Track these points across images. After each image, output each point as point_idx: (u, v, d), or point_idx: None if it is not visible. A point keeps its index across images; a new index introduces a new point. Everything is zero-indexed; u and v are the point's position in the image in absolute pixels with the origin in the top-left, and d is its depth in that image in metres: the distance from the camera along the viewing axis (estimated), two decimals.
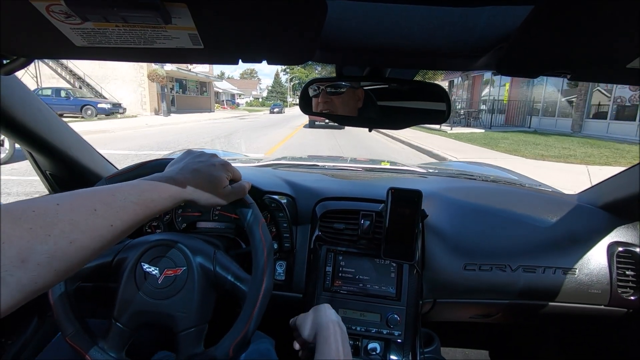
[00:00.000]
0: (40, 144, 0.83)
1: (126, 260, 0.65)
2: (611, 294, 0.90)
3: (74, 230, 0.37)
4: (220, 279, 0.65)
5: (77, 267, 0.38)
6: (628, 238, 0.93)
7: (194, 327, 0.62)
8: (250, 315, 0.57)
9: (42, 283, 0.34)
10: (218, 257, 0.66)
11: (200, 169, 0.55)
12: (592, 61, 0.42)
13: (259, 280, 0.59)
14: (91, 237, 0.38)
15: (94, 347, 0.61)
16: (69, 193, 0.40)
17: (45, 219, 0.35)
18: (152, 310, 0.62)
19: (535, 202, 1.04)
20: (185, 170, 0.54)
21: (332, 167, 1.47)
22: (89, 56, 0.45)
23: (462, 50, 0.50)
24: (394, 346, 0.83)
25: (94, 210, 0.39)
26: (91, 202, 0.40)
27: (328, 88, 0.70)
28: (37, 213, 0.35)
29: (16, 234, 0.32)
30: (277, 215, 0.94)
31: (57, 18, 0.34)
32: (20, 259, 0.32)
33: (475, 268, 0.90)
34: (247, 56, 0.45)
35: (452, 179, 1.36)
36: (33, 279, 0.33)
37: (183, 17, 0.34)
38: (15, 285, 0.32)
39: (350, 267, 0.90)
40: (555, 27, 0.34)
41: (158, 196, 0.47)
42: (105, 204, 0.41)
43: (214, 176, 0.56)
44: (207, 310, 0.64)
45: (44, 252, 0.34)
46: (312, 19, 0.35)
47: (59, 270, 0.35)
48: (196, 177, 0.53)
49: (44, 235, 0.34)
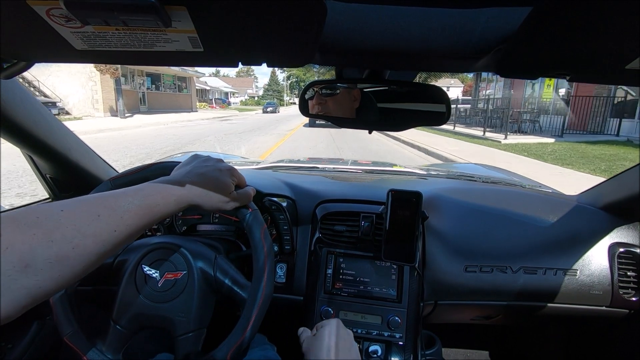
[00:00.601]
0: (41, 147, 0.83)
1: (127, 262, 0.65)
2: (612, 295, 0.90)
3: (77, 235, 0.37)
4: (220, 284, 0.64)
5: (81, 272, 0.38)
6: (629, 239, 0.93)
7: (193, 332, 0.61)
8: (249, 322, 0.57)
9: (46, 288, 0.34)
10: (219, 262, 0.66)
11: (207, 174, 0.55)
12: (591, 62, 0.42)
13: (259, 287, 0.59)
14: (94, 242, 0.38)
15: (92, 348, 0.61)
16: (73, 200, 0.40)
17: (48, 224, 0.35)
18: (151, 313, 0.62)
19: (536, 203, 1.04)
20: (192, 175, 0.53)
21: (332, 169, 1.47)
22: (89, 59, 0.45)
23: (462, 52, 0.50)
24: (395, 348, 0.83)
25: (97, 215, 0.39)
26: (95, 207, 0.40)
27: (322, 89, 0.69)
28: (40, 219, 0.35)
29: (19, 240, 0.33)
30: (277, 217, 0.94)
31: (57, 22, 0.34)
32: (23, 264, 0.32)
33: (476, 270, 0.90)
34: (247, 59, 0.45)
35: (452, 180, 1.36)
36: (37, 283, 0.33)
37: (183, 21, 0.34)
38: (19, 290, 0.32)
39: (351, 269, 0.90)
40: (554, 28, 0.34)
41: (163, 200, 0.47)
42: (109, 209, 0.41)
43: (221, 181, 0.55)
44: (206, 314, 0.64)
45: (46, 257, 0.34)
46: (312, 21, 0.35)
47: (63, 275, 0.35)
48: (203, 182, 0.53)
49: (46, 241, 0.34)
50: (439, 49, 0.50)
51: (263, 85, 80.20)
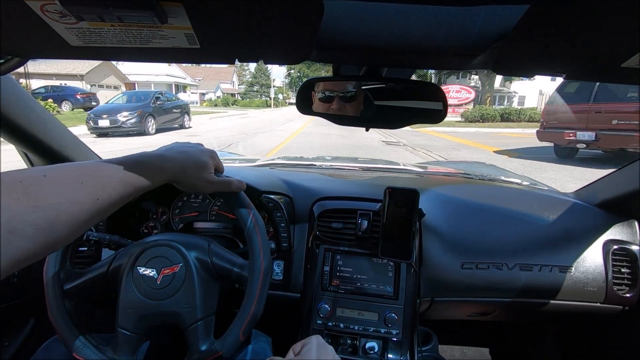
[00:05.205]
0: (35, 144, 0.82)
1: (121, 268, 0.64)
2: (607, 291, 0.91)
3: (62, 202, 0.37)
4: (219, 269, 0.65)
5: (65, 238, 0.38)
6: (623, 236, 0.94)
7: (201, 320, 0.62)
8: (255, 296, 0.59)
9: (31, 253, 0.34)
10: (213, 248, 0.67)
11: (188, 152, 0.56)
12: (588, 60, 0.42)
13: (257, 263, 0.61)
14: (79, 210, 0.38)
15: (103, 358, 0.61)
16: (56, 165, 0.40)
17: (32, 190, 0.35)
18: (155, 312, 0.62)
19: (531, 200, 1.04)
20: (172, 151, 0.55)
21: (330, 166, 1.47)
22: (84, 56, 0.44)
23: (459, 50, 0.50)
24: (392, 345, 0.83)
25: (80, 183, 0.39)
26: (78, 175, 0.40)
27: (341, 94, 0.70)
28: (24, 184, 0.35)
29: (4, 204, 0.32)
30: (274, 215, 0.94)
31: (51, 17, 0.34)
32: (8, 229, 0.32)
33: (472, 266, 0.91)
34: (244, 55, 0.45)
35: (449, 178, 1.37)
36: (21, 249, 0.33)
37: (179, 17, 0.34)
38: (2, 255, 0.32)
39: (348, 267, 0.90)
40: (551, 26, 0.34)
41: (144, 173, 0.47)
42: (92, 178, 0.41)
43: (201, 160, 0.57)
44: (212, 302, 0.65)
45: (31, 222, 0.34)
46: (309, 18, 0.35)
47: (47, 241, 0.35)
48: (183, 158, 0.54)
49: (31, 207, 0.34)
50: (436, 47, 0.50)
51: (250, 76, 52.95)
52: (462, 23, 0.45)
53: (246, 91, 50.07)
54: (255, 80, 50.35)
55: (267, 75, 50.31)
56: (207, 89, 43.68)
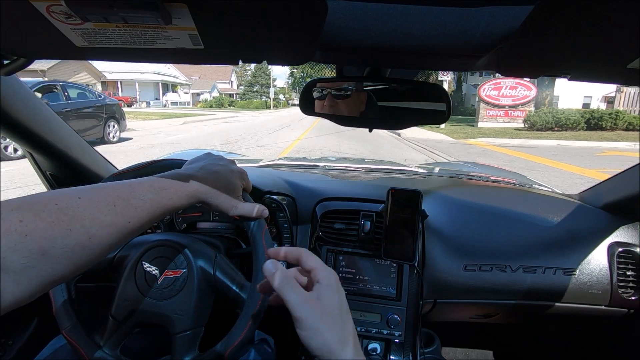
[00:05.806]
0: (41, 144, 0.83)
1: (127, 258, 0.65)
2: (612, 294, 0.90)
3: (94, 225, 0.37)
4: (220, 283, 0.64)
5: (94, 261, 0.38)
6: (628, 238, 0.93)
7: (191, 330, 0.61)
8: (247, 323, 0.57)
9: (60, 275, 0.35)
10: (219, 261, 0.66)
11: (220, 172, 0.54)
12: (593, 61, 0.42)
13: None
14: (109, 233, 0.39)
15: (90, 342, 0.62)
16: (90, 187, 0.40)
17: (67, 212, 0.35)
18: (149, 310, 0.62)
19: (535, 202, 1.04)
20: (205, 171, 0.53)
21: (333, 167, 1.47)
22: (89, 56, 0.45)
23: (462, 51, 0.50)
24: (395, 346, 0.83)
25: (113, 206, 0.40)
26: (111, 197, 0.40)
27: (333, 91, 0.70)
28: (59, 207, 0.35)
29: (39, 227, 0.33)
30: (277, 215, 0.94)
31: (57, 18, 0.34)
32: (41, 251, 0.33)
33: (475, 268, 0.90)
34: (247, 56, 0.45)
35: (452, 179, 1.36)
36: (52, 271, 0.34)
37: (183, 18, 0.34)
38: (34, 277, 0.32)
39: (351, 268, 0.90)
40: (555, 27, 0.34)
41: (176, 194, 0.47)
42: (125, 200, 0.41)
43: (232, 182, 0.55)
44: (204, 313, 0.64)
45: (64, 245, 0.34)
46: (313, 19, 0.35)
47: (77, 263, 0.36)
48: (214, 180, 0.53)
49: (65, 230, 0.35)
50: (440, 48, 0.50)
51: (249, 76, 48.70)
52: (466, 24, 0.44)
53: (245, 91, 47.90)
54: (255, 80, 48.01)
55: (267, 74, 47.27)
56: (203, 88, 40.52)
